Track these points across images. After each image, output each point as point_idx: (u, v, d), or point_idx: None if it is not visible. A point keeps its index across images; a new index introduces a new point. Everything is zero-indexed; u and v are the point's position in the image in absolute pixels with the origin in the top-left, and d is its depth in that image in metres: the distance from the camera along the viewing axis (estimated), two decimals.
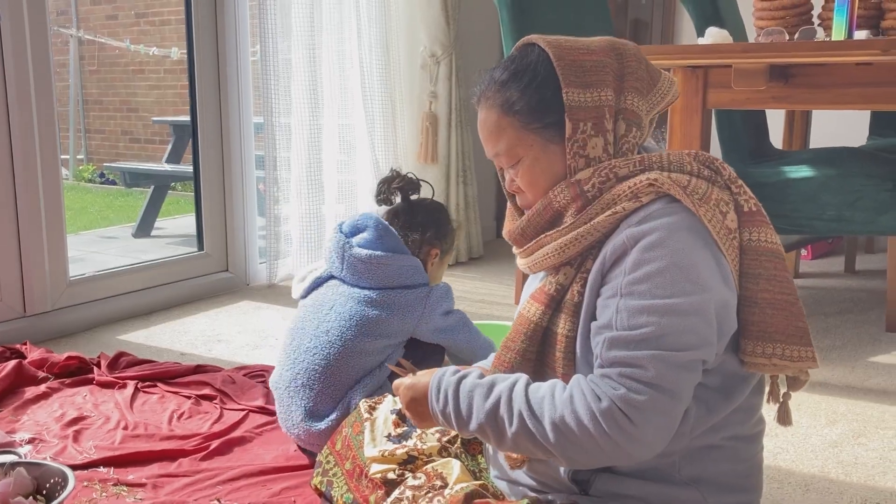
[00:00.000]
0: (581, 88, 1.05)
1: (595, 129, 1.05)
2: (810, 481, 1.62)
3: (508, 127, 1.08)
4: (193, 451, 1.73)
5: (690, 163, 1.05)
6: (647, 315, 0.96)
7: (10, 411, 1.94)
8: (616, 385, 0.96)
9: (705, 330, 0.96)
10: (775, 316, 1.01)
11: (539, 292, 1.10)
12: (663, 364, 0.95)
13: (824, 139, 3.25)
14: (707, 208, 1.00)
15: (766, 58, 1.80)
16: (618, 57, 1.09)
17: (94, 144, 7.89)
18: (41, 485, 1.40)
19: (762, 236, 1.03)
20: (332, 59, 3.21)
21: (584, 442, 0.96)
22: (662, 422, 0.95)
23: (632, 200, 1.01)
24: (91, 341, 2.49)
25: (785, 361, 1.01)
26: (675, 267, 0.96)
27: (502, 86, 1.09)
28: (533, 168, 1.09)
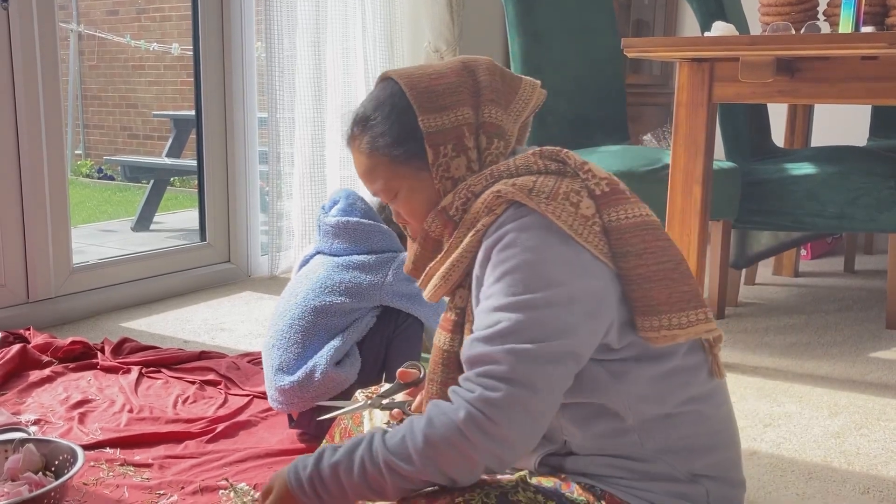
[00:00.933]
0: (436, 113, 1.08)
1: (456, 150, 1.08)
2: (813, 470, 1.63)
3: (379, 164, 1.11)
4: (199, 433, 1.73)
5: (536, 162, 1.06)
6: (501, 312, 0.97)
7: (14, 394, 1.94)
8: (472, 387, 0.96)
9: (562, 321, 0.96)
10: (653, 289, 1.00)
11: (444, 320, 1.13)
12: (516, 357, 0.95)
13: (826, 138, 3.27)
14: (555, 204, 1.00)
15: (774, 50, 1.81)
16: (470, 74, 1.11)
17: (92, 140, 7.89)
18: (50, 461, 1.41)
19: (621, 213, 1.02)
20: (336, 55, 3.21)
21: (453, 458, 0.95)
22: (523, 417, 0.95)
23: (488, 215, 1.03)
24: (94, 328, 2.49)
25: (674, 331, 1.00)
26: (526, 264, 0.98)
27: (365, 124, 1.11)
28: (411, 199, 1.11)
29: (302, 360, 1.66)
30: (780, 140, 3.25)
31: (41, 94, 2.44)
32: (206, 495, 1.48)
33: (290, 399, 1.65)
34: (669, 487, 1.05)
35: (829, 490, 1.54)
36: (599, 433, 1.05)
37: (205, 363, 2.13)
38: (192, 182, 6.70)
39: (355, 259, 1.75)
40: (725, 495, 1.09)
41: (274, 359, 1.69)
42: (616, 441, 1.04)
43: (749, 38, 1.91)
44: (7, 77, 2.37)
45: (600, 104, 2.91)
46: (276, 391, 1.67)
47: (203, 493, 1.49)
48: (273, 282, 3.11)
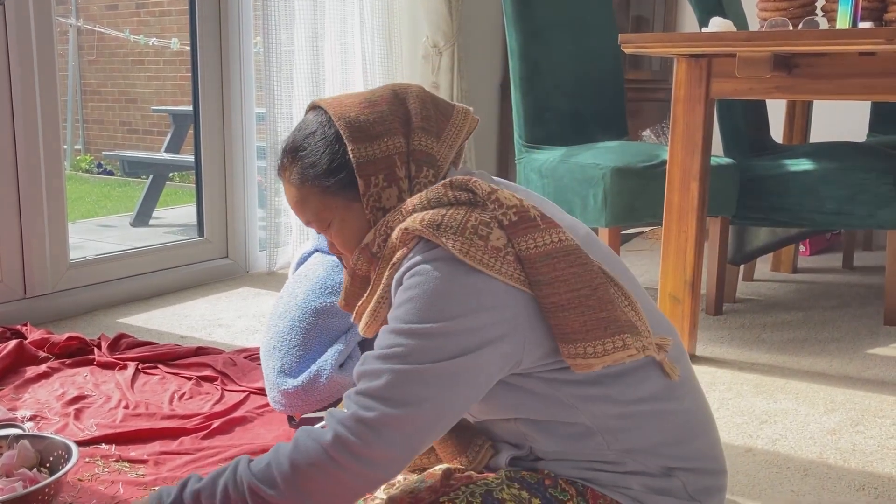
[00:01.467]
0: (367, 143, 1.06)
1: (387, 180, 1.06)
2: (809, 466, 1.63)
3: (310, 195, 1.09)
4: (195, 429, 1.73)
5: (446, 193, 1.04)
6: (396, 336, 0.97)
7: (11, 390, 1.94)
8: (349, 404, 0.97)
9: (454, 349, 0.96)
10: (567, 318, 0.98)
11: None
12: (397, 375, 0.95)
13: (825, 134, 3.27)
14: (463, 239, 0.98)
15: (771, 46, 1.81)
16: (401, 102, 1.10)
17: (91, 135, 7.88)
18: (45, 457, 1.41)
19: (530, 243, 1.00)
20: (334, 50, 3.21)
21: (321, 482, 0.95)
22: (395, 437, 0.95)
23: (401, 249, 1.03)
24: (91, 324, 2.49)
25: (589, 360, 0.98)
26: (427, 294, 0.97)
27: (294, 154, 1.10)
28: (343, 230, 1.10)
29: (304, 363, 1.65)
30: (779, 136, 3.24)
31: (38, 90, 2.44)
32: None
33: (293, 402, 1.64)
34: (644, 482, 1.05)
35: (824, 487, 1.54)
36: (563, 438, 1.05)
37: (201, 359, 2.13)
38: (190, 177, 6.70)
39: None
40: (705, 485, 1.09)
41: (275, 361, 1.68)
42: (581, 444, 1.04)
43: (746, 34, 1.91)
44: (4, 72, 2.37)
45: (599, 100, 2.90)
46: (278, 393, 1.67)
47: None
48: (271, 277, 3.11)
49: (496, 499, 0.99)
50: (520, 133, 2.75)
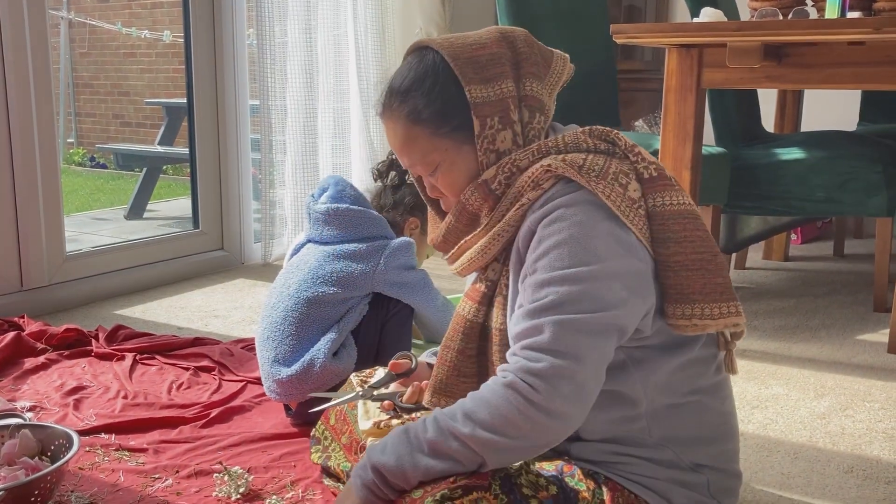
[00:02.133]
0: (482, 84, 1.06)
1: (502, 123, 1.07)
2: (799, 450, 1.65)
3: (419, 136, 1.09)
4: (194, 418, 1.75)
5: (586, 140, 1.06)
6: (548, 286, 0.97)
7: (10, 381, 1.96)
8: (518, 358, 0.97)
9: (609, 295, 0.97)
10: (690, 277, 1.01)
11: (472, 290, 1.13)
12: (560, 327, 0.95)
13: (815, 123, 3.29)
14: (605, 184, 1.00)
15: (761, 36, 1.82)
16: (510, 45, 1.09)
17: (84, 128, 7.86)
18: (46, 446, 1.42)
19: (666, 199, 1.03)
20: (327, 42, 3.21)
21: (499, 426, 0.95)
22: (569, 388, 0.94)
23: (534, 189, 1.03)
24: (88, 316, 2.50)
25: (706, 321, 1.02)
26: (573, 239, 0.98)
27: (405, 95, 1.09)
28: (451, 172, 1.10)
29: (298, 353, 1.67)
30: (770, 125, 3.27)
31: (32, 83, 2.44)
32: (201, 479, 1.50)
33: (288, 391, 1.66)
34: (672, 474, 1.07)
35: (813, 469, 1.57)
36: (610, 419, 1.06)
37: (199, 349, 2.15)
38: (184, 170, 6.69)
39: (346, 248, 1.75)
40: (725, 485, 1.12)
41: (269, 350, 1.70)
42: (625, 427, 1.06)
43: (736, 24, 1.92)
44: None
45: (591, 90, 2.92)
46: (273, 383, 1.69)
47: (197, 476, 1.50)
48: (266, 269, 3.13)
49: (515, 484, 1.00)
50: None
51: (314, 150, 3.20)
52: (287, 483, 1.47)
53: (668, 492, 1.06)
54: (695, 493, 1.08)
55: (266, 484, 1.47)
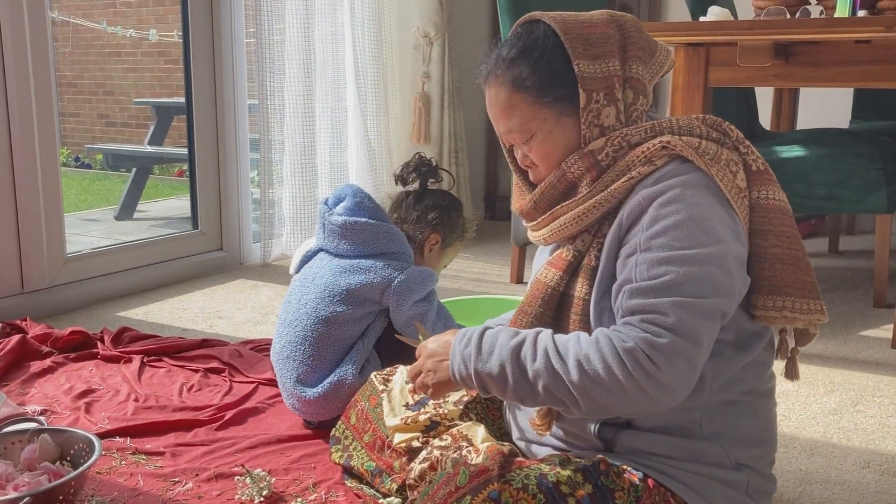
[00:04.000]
0: (590, 60, 1.08)
1: (607, 99, 1.08)
2: (814, 446, 1.67)
3: (521, 103, 1.10)
4: (208, 420, 1.74)
5: (699, 126, 1.09)
6: (667, 265, 0.98)
7: (17, 385, 1.93)
8: (638, 330, 0.98)
9: (724, 280, 0.99)
10: (784, 270, 1.04)
11: (557, 258, 1.13)
12: (683, 310, 0.97)
13: (810, 121, 3.32)
14: (718, 168, 1.03)
15: (772, 34, 1.84)
16: (619, 28, 1.11)
17: (68, 128, 7.77)
18: (65, 451, 1.41)
19: (770, 194, 1.07)
20: (324, 40, 3.20)
21: (608, 383, 0.96)
22: (684, 366, 0.96)
23: (646, 165, 1.04)
24: (90, 318, 2.48)
25: (795, 314, 1.04)
26: (692, 220, 0.99)
27: (511, 63, 1.10)
28: (547, 142, 1.11)
29: (321, 372, 1.65)
30: (767, 123, 3.29)
31: (32, 84, 2.41)
32: (221, 482, 1.49)
33: (315, 410, 1.64)
34: (715, 472, 1.08)
35: (831, 465, 1.58)
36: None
37: (207, 351, 2.13)
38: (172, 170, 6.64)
39: (361, 263, 1.69)
40: (762, 488, 1.13)
41: (291, 370, 1.67)
42: (678, 417, 1.07)
43: (748, 23, 1.94)
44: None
45: None
46: (297, 401, 1.67)
47: (218, 479, 1.49)
48: (266, 269, 3.11)
49: (550, 481, 1.00)
50: None
51: (312, 149, 3.19)
52: (309, 485, 1.47)
53: (708, 490, 1.07)
54: (733, 492, 1.08)
55: (288, 486, 1.47)
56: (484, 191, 4.20)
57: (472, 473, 1.01)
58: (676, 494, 1.06)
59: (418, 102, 3.50)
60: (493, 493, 0.98)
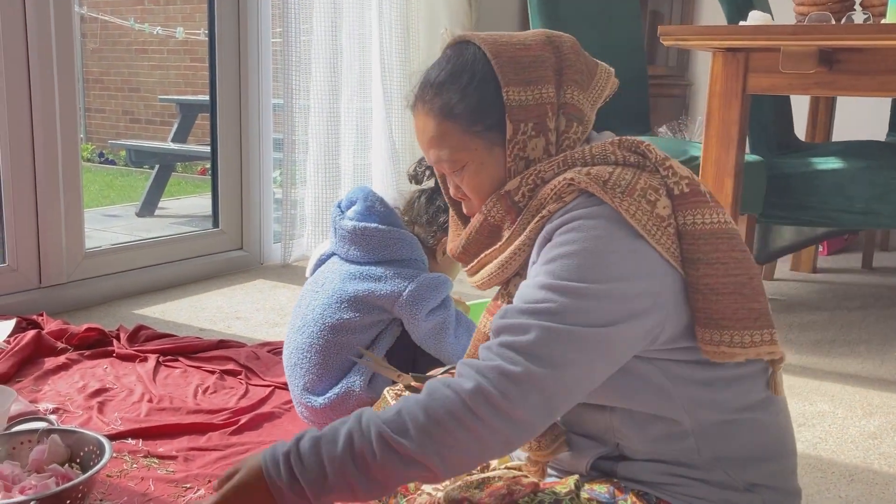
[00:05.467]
0: (521, 86, 1.01)
1: (536, 129, 1.01)
2: (854, 472, 1.59)
3: (449, 132, 1.03)
4: (223, 425, 1.69)
5: (614, 152, 1.00)
6: (548, 291, 0.91)
7: (30, 381, 1.90)
8: (491, 356, 0.90)
9: (605, 316, 0.90)
10: (720, 301, 0.94)
11: (492, 306, 1.08)
12: (548, 333, 0.89)
13: (846, 133, 3.23)
14: (631, 201, 0.94)
15: (818, 40, 1.77)
16: (555, 50, 1.04)
17: (93, 124, 7.82)
18: (75, 452, 1.36)
19: (697, 218, 0.96)
20: (352, 41, 3.16)
21: (455, 435, 0.87)
22: (537, 398, 0.88)
23: (556, 202, 0.97)
24: (107, 315, 2.44)
25: (735, 349, 0.95)
26: (587, 252, 0.92)
27: (440, 88, 1.03)
28: (479, 173, 1.04)
29: (327, 381, 1.59)
30: (802, 133, 3.21)
31: (56, 80, 2.39)
32: None
33: (322, 420, 1.59)
34: (726, 496, 1.01)
35: (872, 493, 1.51)
36: (654, 437, 1.00)
37: (223, 352, 2.09)
38: (195, 167, 6.64)
39: (372, 270, 1.63)
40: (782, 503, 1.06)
41: (298, 378, 1.63)
42: (672, 446, 1.00)
43: (791, 28, 1.86)
44: (23, 62, 2.32)
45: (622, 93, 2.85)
46: (305, 409, 1.62)
47: None
48: (286, 270, 3.06)
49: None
50: None
51: (336, 151, 3.14)
52: None
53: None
54: None
55: None
56: None
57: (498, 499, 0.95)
58: None
59: None
60: None
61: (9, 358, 1.95)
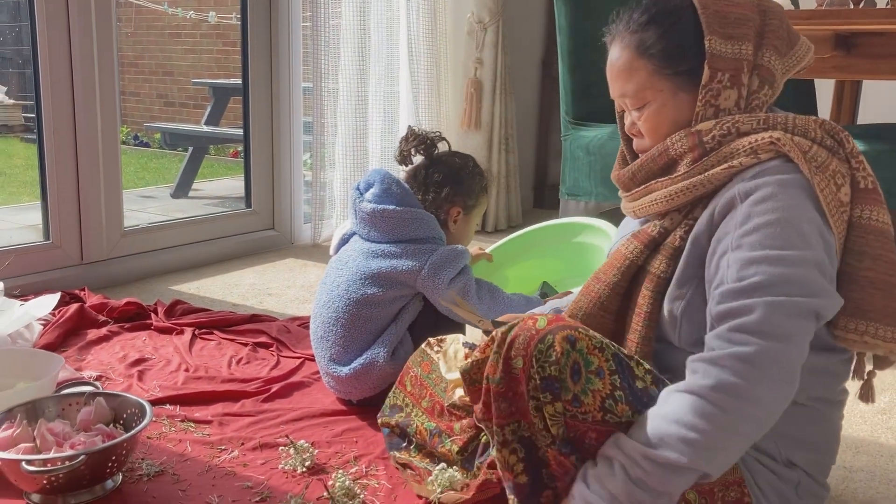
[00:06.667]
0: (723, 39, 1.05)
1: (731, 81, 1.06)
2: (860, 444, 1.64)
3: (641, 69, 1.08)
4: (255, 392, 1.78)
5: (815, 130, 1.05)
6: (757, 265, 0.96)
7: (74, 351, 2.01)
8: (722, 344, 0.95)
9: (816, 281, 0.96)
10: (874, 295, 1.01)
11: (642, 232, 1.12)
12: (771, 309, 0.94)
13: (872, 116, 3.24)
14: (822, 177, 1.00)
15: (834, 24, 1.80)
16: (761, 13, 1.09)
17: (128, 107, 7.96)
18: (118, 414, 1.46)
19: (873, 214, 1.02)
20: (380, 25, 3.22)
21: (711, 433, 0.92)
22: (776, 372, 0.93)
23: (750, 156, 1.02)
24: (144, 290, 2.55)
25: (877, 340, 1.01)
26: (785, 221, 0.97)
27: (641, 27, 1.08)
28: (659, 113, 1.09)
29: (352, 353, 1.68)
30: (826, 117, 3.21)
31: (96, 64, 2.49)
32: (266, 451, 1.53)
33: (347, 389, 1.68)
34: (766, 461, 1.07)
35: (876, 464, 1.56)
36: None
37: (256, 326, 2.18)
38: (228, 150, 6.76)
39: (391, 248, 1.70)
40: (813, 491, 1.12)
41: (325, 350, 1.71)
42: None
43: (808, 13, 1.89)
44: (65, 48, 2.42)
45: None
46: (332, 379, 1.71)
47: (262, 449, 1.54)
48: (315, 249, 3.16)
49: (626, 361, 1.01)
50: (566, 109, 2.76)
51: (364, 134, 3.22)
52: (351, 458, 1.50)
53: (756, 471, 1.06)
54: (783, 485, 1.08)
55: (330, 458, 1.50)
56: (533, 179, 4.19)
57: (550, 319, 1.00)
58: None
59: (470, 88, 3.50)
60: (570, 336, 0.97)
61: (54, 329, 2.06)
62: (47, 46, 2.39)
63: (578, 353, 0.96)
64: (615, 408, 0.97)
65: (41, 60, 2.39)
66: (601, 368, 0.97)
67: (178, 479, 1.42)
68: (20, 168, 5.85)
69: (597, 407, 0.97)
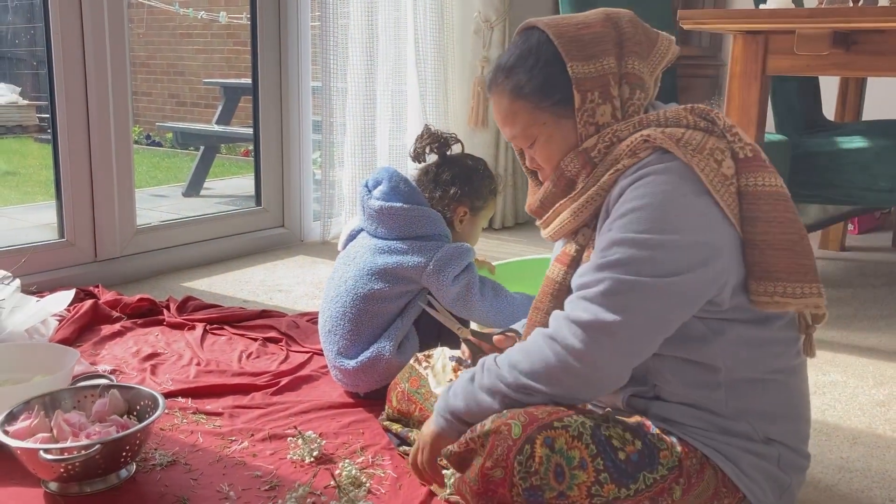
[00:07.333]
0: (584, 61, 1.11)
1: (602, 97, 1.12)
2: (857, 436, 1.67)
3: (520, 110, 1.15)
4: (265, 386, 1.82)
5: (686, 117, 1.11)
6: (618, 246, 1.03)
7: (89, 346, 2.06)
8: (570, 307, 1.05)
9: (674, 265, 1.01)
10: (777, 255, 1.05)
11: (562, 254, 1.19)
12: (618, 283, 1.01)
13: (877, 113, 3.25)
14: (700, 158, 1.04)
15: (831, 22, 1.82)
16: (614, 25, 1.14)
17: (140, 107, 8.03)
18: (132, 406, 1.50)
19: (759, 180, 1.07)
20: (388, 25, 3.26)
21: (542, 376, 1.06)
22: (609, 343, 1.01)
23: (630, 157, 1.08)
24: (157, 287, 2.60)
25: (787, 298, 1.06)
26: (654, 205, 1.03)
27: (510, 71, 1.15)
28: (549, 144, 1.16)
29: (358, 346, 1.72)
30: (831, 113, 3.23)
31: (109, 64, 2.54)
32: (275, 442, 1.57)
33: (352, 381, 1.72)
34: (745, 444, 1.11)
35: (873, 455, 1.59)
36: (690, 383, 1.11)
37: (266, 321, 2.23)
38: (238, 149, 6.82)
39: (398, 245, 1.73)
40: (794, 462, 1.15)
41: (333, 344, 1.75)
42: (704, 394, 1.11)
43: (806, 11, 1.92)
44: (78, 48, 2.47)
45: None
46: (339, 372, 1.75)
47: (272, 440, 1.58)
48: (324, 247, 3.20)
49: (604, 435, 1.05)
50: None
51: (372, 132, 3.26)
52: (357, 449, 1.54)
53: (738, 458, 1.10)
54: (765, 463, 1.11)
55: (337, 449, 1.54)
56: None
57: (524, 423, 1.03)
58: (710, 459, 1.10)
59: (477, 87, 3.54)
60: (548, 439, 1.01)
61: (69, 325, 2.11)
62: (61, 48, 2.44)
63: (559, 454, 1.01)
64: (601, 491, 1.02)
65: (55, 62, 2.44)
66: (583, 459, 1.02)
67: (189, 469, 1.46)
68: (35, 168, 5.93)
69: (583, 496, 1.01)
